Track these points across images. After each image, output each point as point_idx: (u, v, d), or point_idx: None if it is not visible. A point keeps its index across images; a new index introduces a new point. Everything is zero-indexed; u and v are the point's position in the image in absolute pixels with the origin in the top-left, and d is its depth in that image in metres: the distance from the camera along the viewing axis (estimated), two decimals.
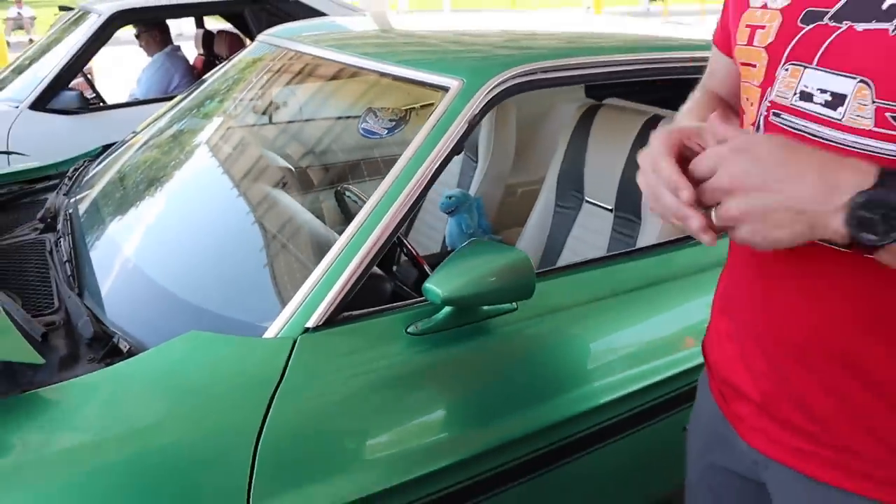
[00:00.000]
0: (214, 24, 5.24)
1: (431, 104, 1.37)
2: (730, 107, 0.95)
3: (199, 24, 5.11)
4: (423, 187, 1.28)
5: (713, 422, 0.98)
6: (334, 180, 2.04)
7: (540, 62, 1.43)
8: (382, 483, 1.12)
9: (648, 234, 1.85)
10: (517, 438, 1.25)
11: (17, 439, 1.03)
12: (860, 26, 0.72)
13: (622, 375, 1.37)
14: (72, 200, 1.88)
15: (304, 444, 1.10)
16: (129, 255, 1.53)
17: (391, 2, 14.90)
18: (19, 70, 3.96)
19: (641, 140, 1.86)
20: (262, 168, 1.88)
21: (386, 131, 1.42)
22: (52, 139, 3.24)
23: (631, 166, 1.89)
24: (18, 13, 16.11)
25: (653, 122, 1.89)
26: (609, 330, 1.41)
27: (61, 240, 1.62)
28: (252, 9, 4.14)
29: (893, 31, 0.69)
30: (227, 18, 4.87)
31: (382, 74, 1.59)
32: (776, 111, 0.79)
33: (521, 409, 1.27)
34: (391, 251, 1.50)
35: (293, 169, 1.96)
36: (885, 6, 0.70)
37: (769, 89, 0.79)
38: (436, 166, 1.30)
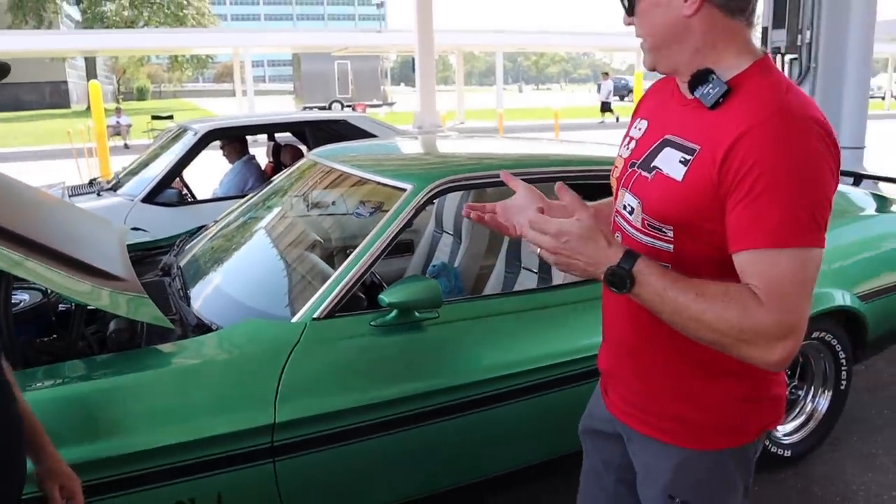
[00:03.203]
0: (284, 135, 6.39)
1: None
2: None
3: (271, 137, 6.26)
4: (386, 244, 2.21)
5: (596, 401, 1.53)
6: (340, 243, 3.02)
7: (461, 174, 2.40)
8: (352, 403, 2.02)
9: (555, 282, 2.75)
10: (432, 391, 2.13)
11: (166, 363, 1.99)
12: (643, 173, 1.24)
13: (500, 361, 2.25)
14: (179, 258, 2.90)
15: (307, 379, 2.01)
16: (214, 284, 2.52)
17: (443, 113, 16.17)
18: (133, 172, 5.16)
19: None
20: (295, 234, 2.89)
21: (368, 213, 2.39)
22: (157, 224, 4.30)
23: None
24: (117, 122, 18.08)
25: None
26: (495, 334, 2.29)
27: (176, 279, 2.62)
28: (311, 128, 5.32)
29: (650, 178, 1.22)
30: (293, 133, 6.06)
31: (376, 182, 2.57)
32: (616, 215, 1.32)
33: (437, 374, 2.16)
34: (371, 284, 2.45)
35: (320, 238, 2.96)
36: (651, 165, 1.22)
37: (616, 202, 1.33)
38: (395, 233, 2.25)
